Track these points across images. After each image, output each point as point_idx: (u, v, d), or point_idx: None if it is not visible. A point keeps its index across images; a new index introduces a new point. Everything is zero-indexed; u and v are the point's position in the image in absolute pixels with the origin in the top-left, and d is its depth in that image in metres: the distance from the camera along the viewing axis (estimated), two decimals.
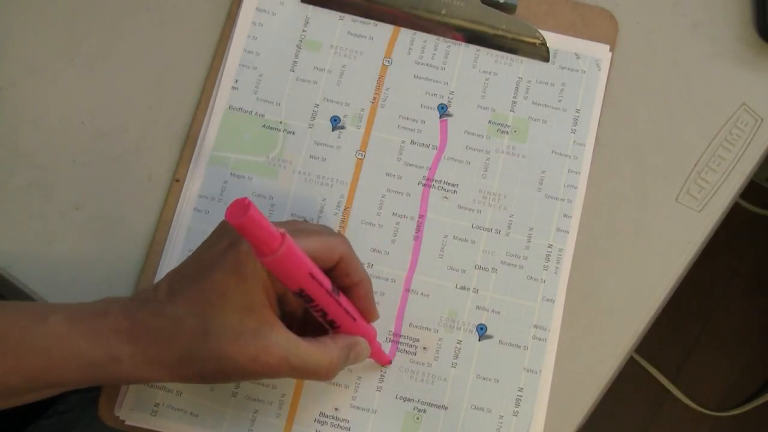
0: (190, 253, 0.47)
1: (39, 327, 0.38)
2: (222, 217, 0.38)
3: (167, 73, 0.50)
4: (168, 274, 0.41)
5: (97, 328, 0.38)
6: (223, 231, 0.40)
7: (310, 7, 0.50)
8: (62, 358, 0.38)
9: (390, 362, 0.46)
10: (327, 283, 0.39)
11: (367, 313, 0.43)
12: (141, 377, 0.39)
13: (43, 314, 0.38)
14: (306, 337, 0.40)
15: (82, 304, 0.40)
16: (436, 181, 0.49)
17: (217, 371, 0.38)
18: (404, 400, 0.46)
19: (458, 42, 0.50)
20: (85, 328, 0.38)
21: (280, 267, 0.36)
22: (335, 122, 0.49)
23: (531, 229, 0.48)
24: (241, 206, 0.33)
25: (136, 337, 0.38)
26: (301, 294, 0.38)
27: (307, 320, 0.43)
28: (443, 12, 0.50)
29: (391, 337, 0.47)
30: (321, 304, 0.39)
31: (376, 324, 0.44)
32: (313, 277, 0.37)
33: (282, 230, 0.35)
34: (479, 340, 0.47)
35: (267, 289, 0.38)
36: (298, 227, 0.40)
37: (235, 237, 0.38)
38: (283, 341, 0.38)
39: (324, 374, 0.40)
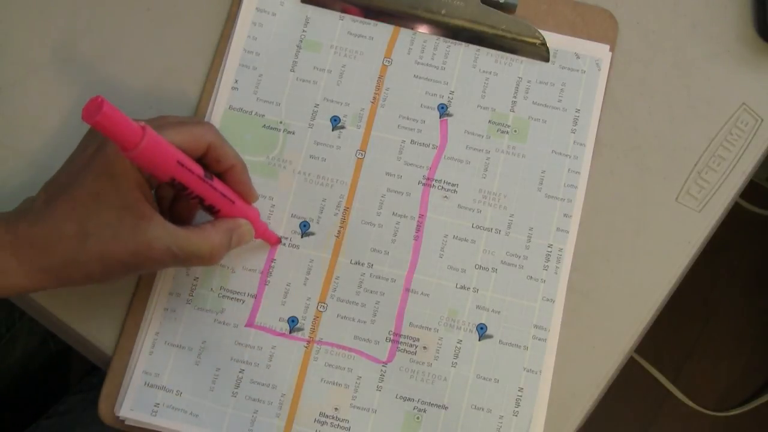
0: None
1: None
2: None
3: (167, 73, 0.50)
4: (44, 185, 0.42)
5: None
6: (90, 137, 0.42)
7: (310, 8, 0.50)
8: None
9: (279, 241, 0.47)
10: (198, 169, 0.40)
11: (246, 195, 0.44)
12: (31, 287, 0.40)
13: None
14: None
15: None
16: (436, 180, 0.49)
17: (102, 271, 0.39)
18: (404, 400, 0.46)
19: (458, 42, 0.50)
20: None
21: (146, 159, 0.37)
22: (335, 122, 0.49)
23: (531, 229, 0.48)
24: (95, 104, 0.34)
25: (20, 248, 0.39)
26: (174, 184, 0.39)
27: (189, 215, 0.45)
28: (443, 12, 0.50)
29: (391, 336, 0.47)
30: (196, 191, 0.40)
31: (376, 321, 0.44)
32: (181, 164, 0.39)
33: (142, 124, 0.36)
34: (479, 340, 0.47)
35: (141, 185, 0.39)
36: (163, 121, 0.41)
37: (101, 140, 0.39)
38: (163, 233, 0.39)
39: (207, 259, 0.41)
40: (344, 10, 0.50)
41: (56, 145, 0.49)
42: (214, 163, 0.42)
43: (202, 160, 0.42)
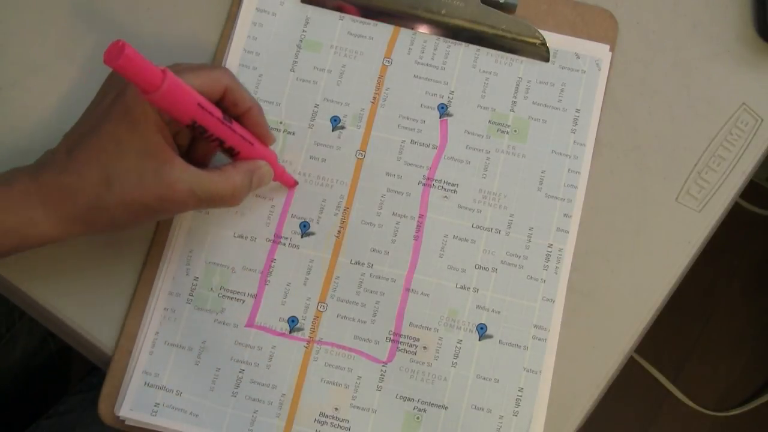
0: (190, 253, 0.47)
1: None
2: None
3: None
4: (64, 136, 0.42)
5: (6, 197, 0.39)
6: (109, 85, 0.42)
7: (310, 7, 0.50)
8: None
9: (296, 183, 0.48)
10: (217, 112, 0.41)
11: (263, 137, 0.45)
12: (58, 235, 0.40)
13: None
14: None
15: None
16: (436, 180, 0.49)
17: (127, 216, 0.40)
18: (404, 400, 0.46)
19: (458, 42, 0.50)
20: None
21: (167, 101, 0.37)
22: (335, 122, 0.49)
23: (531, 229, 0.48)
24: (117, 48, 0.35)
25: (46, 197, 0.39)
26: (194, 126, 0.40)
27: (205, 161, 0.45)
28: (443, 12, 0.50)
29: (391, 336, 0.47)
30: (216, 133, 0.41)
31: (376, 321, 0.44)
32: (202, 107, 0.39)
33: (163, 67, 0.37)
34: (479, 340, 0.47)
35: (161, 129, 0.40)
36: (180, 67, 0.41)
37: (120, 87, 0.40)
38: (186, 176, 0.40)
39: (230, 200, 0.42)
40: (344, 10, 0.50)
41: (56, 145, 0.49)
42: (232, 107, 0.43)
43: (220, 103, 0.42)
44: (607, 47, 0.50)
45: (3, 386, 0.65)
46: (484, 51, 0.50)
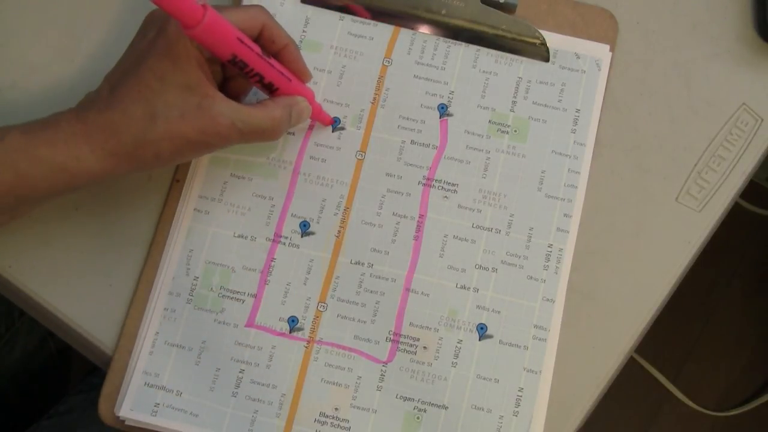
0: (190, 253, 0.47)
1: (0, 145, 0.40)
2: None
3: None
4: (106, 76, 0.43)
5: (54, 136, 0.40)
6: (149, 23, 0.43)
7: (310, 8, 0.50)
8: (27, 168, 0.40)
9: (333, 122, 0.49)
10: (256, 47, 0.42)
11: (300, 74, 0.46)
12: (103, 171, 0.41)
13: (0, 134, 0.40)
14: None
15: (33, 121, 0.41)
16: (436, 180, 0.49)
17: (171, 150, 0.41)
18: (404, 400, 0.46)
19: (458, 42, 0.50)
20: (43, 138, 0.40)
21: (208, 35, 0.39)
22: (335, 124, 0.49)
23: (531, 229, 0.48)
24: None
25: (91, 135, 0.40)
26: (234, 61, 0.41)
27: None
28: (443, 12, 0.50)
29: (391, 336, 0.47)
30: (256, 68, 0.42)
31: (376, 321, 0.44)
32: (242, 41, 0.40)
33: (203, 2, 0.38)
34: (479, 340, 0.47)
35: (202, 65, 0.41)
36: (217, 6, 0.42)
37: (161, 24, 0.41)
38: (227, 109, 0.41)
39: (270, 133, 0.43)
40: (344, 10, 0.50)
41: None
42: (269, 44, 0.43)
43: (257, 40, 0.43)
44: (607, 47, 0.50)
45: (3, 386, 0.65)
46: (484, 51, 0.50)
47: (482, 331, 0.47)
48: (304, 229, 0.48)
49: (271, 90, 0.44)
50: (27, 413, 0.66)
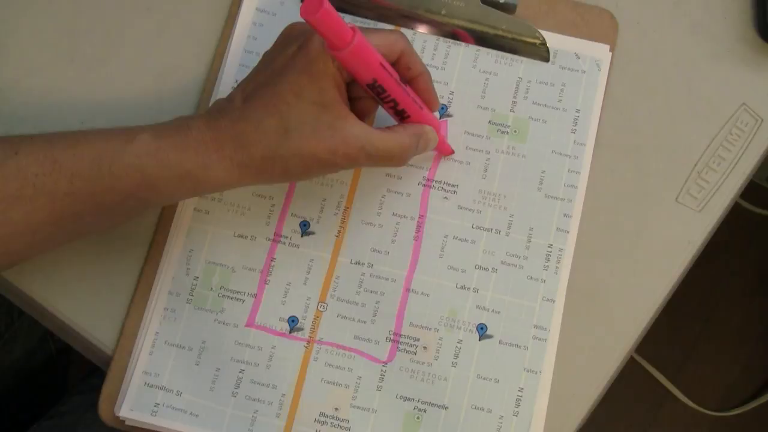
0: (190, 253, 0.47)
1: (129, 147, 0.40)
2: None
3: (167, 73, 0.50)
4: (239, 85, 0.42)
5: (184, 141, 0.40)
6: (287, 38, 0.42)
7: None
8: (155, 172, 0.40)
9: (452, 152, 0.49)
10: (395, 73, 0.42)
11: (430, 103, 0.45)
12: (230, 181, 0.41)
13: (130, 136, 0.40)
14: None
15: (163, 124, 0.41)
16: (436, 181, 0.49)
17: (300, 167, 0.41)
18: (404, 400, 0.46)
19: (458, 42, 0.50)
20: (173, 143, 0.40)
21: (354, 58, 0.38)
22: None
23: (531, 229, 0.48)
24: (316, 2, 0.35)
25: (221, 144, 0.40)
26: (374, 86, 0.41)
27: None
28: (443, 12, 0.50)
29: (391, 336, 0.47)
30: (392, 94, 0.42)
31: (376, 321, 0.44)
32: (383, 67, 0.40)
33: (351, 24, 0.37)
34: (479, 340, 0.47)
35: (339, 85, 0.41)
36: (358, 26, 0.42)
37: (302, 41, 0.40)
38: (359, 131, 0.41)
39: (398, 159, 0.43)
40: (344, 10, 0.50)
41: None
42: (405, 70, 0.43)
43: (394, 65, 0.43)
44: (607, 47, 0.50)
45: (2, 386, 0.65)
46: (484, 51, 0.50)
47: (482, 331, 0.47)
48: (304, 228, 0.48)
49: (402, 116, 0.44)
50: (27, 413, 0.65)
